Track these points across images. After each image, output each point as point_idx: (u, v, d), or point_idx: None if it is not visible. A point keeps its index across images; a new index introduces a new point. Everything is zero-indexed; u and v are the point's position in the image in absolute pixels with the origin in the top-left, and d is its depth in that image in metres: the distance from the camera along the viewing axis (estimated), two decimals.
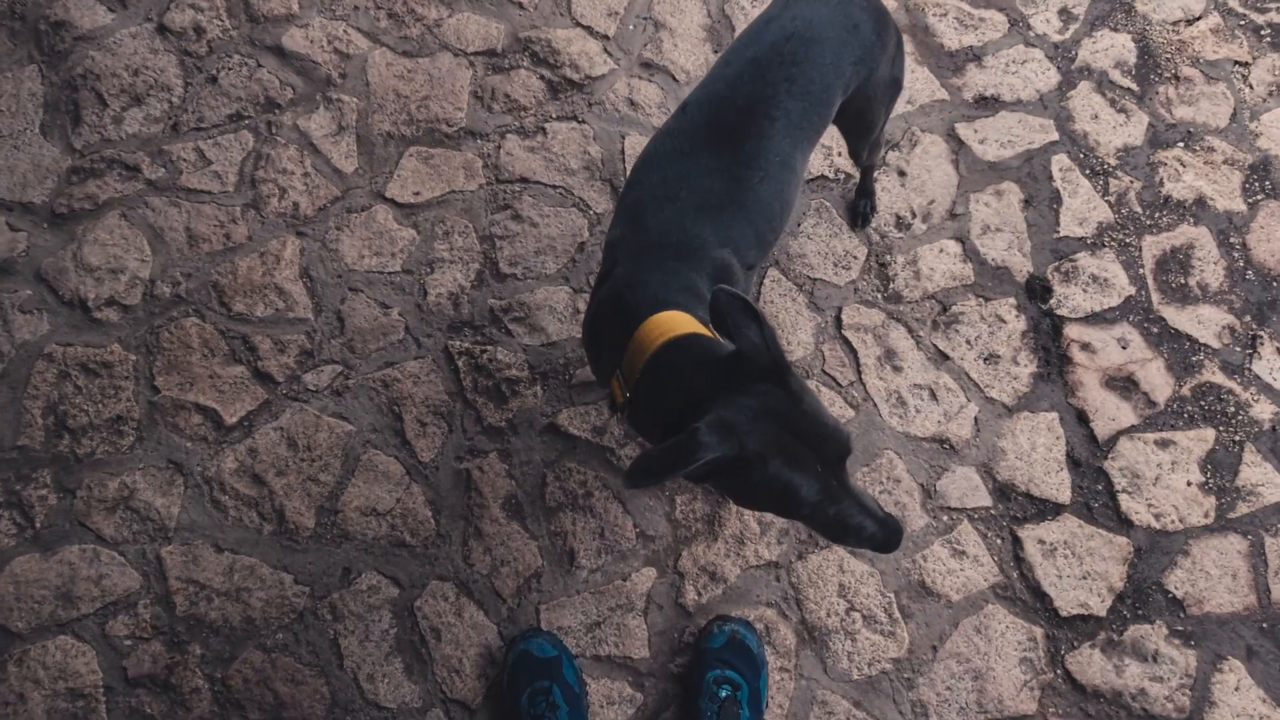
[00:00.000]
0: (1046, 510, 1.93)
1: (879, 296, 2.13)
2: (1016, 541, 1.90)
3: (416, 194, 2.22)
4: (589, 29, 2.39)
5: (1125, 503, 1.92)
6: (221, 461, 1.96)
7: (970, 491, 1.94)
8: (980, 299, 2.12)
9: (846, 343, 2.08)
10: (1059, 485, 1.95)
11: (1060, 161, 2.24)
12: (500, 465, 1.97)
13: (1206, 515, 1.91)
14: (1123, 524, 1.91)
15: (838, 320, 2.10)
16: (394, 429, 2.00)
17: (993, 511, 1.93)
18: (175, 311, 2.09)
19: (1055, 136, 2.27)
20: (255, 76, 2.33)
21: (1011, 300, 2.12)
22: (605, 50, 2.37)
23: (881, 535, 1.04)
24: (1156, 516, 1.91)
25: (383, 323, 2.10)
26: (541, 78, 2.34)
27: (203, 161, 2.24)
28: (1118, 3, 2.41)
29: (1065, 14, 2.40)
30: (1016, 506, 1.93)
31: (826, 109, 1.42)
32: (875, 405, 2.02)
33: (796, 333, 2.09)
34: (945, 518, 1.93)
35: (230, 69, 2.34)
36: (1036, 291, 2.12)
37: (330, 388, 2.04)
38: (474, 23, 2.39)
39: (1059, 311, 2.10)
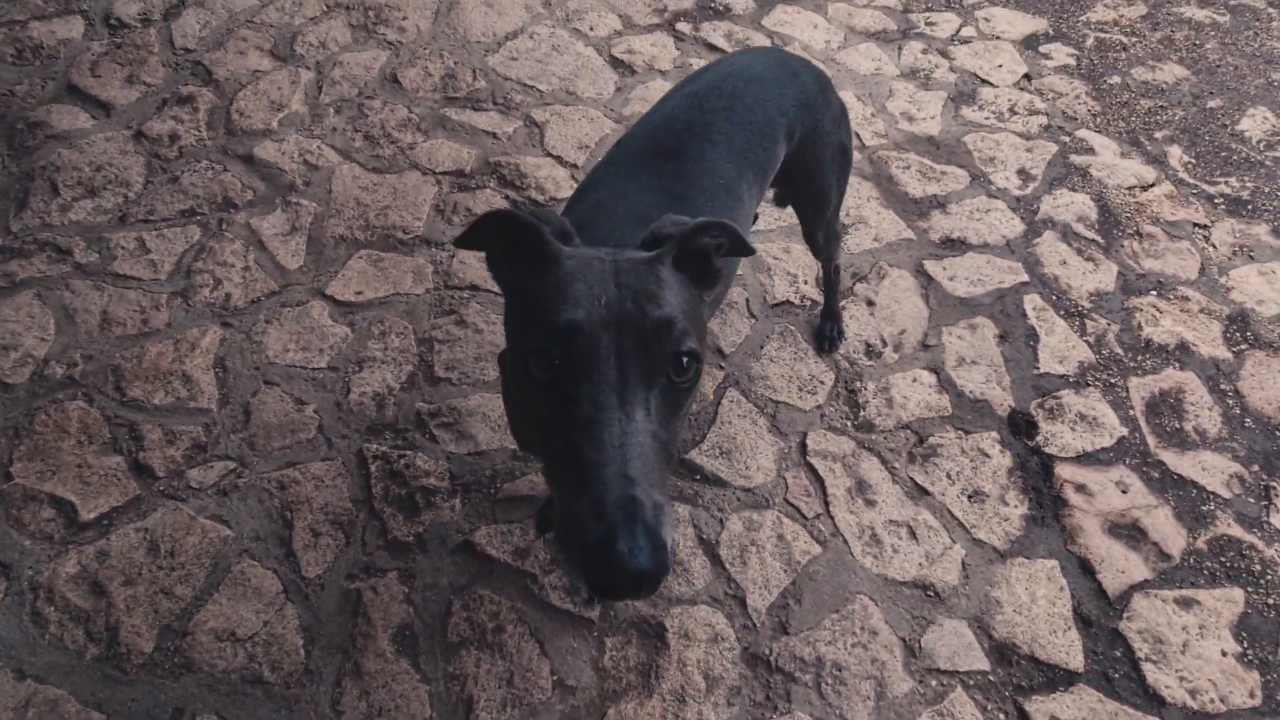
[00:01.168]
0: (1057, 679, 1.51)
1: (848, 424, 1.84)
2: (1023, 717, 1.46)
3: (359, 293, 2.00)
4: (558, 158, 2.32)
5: (1151, 674, 1.51)
6: (60, 565, 1.55)
7: (962, 650, 1.53)
8: (960, 431, 1.83)
9: (812, 471, 1.76)
10: (1069, 648, 1.54)
11: (1033, 301, 2.07)
12: (399, 587, 1.56)
13: (1252, 694, 1.49)
14: (1151, 700, 1.48)
15: (802, 446, 1.80)
16: (280, 537, 1.61)
17: (991, 677, 1.51)
18: (62, 394, 1.78)
19: (1025, 278, 2.11)
20: (218, 179, 2.21)
21: (994, 434, 1.83)
22: (572, 177, 2.28)
23: (595, 540, 0.66)
24: (1192, 694, 1.49)
25: (294, 419, 1.78)
26: (506, 197, 2.22)
27: (141, 250, 2.04)
28: (1072, 167, 2.38)
29: (1023, 174, 2.35)
30: (1020, 672, 1.51)
31: (770, 144, 1.25)
32: (845, 542, 1.66)
33: (757, 457, 1.77)
34: (934, 682, 1.50)
35: (195, 171, 2.22)
36: (1020, 427, 1.84)
37: (217, 486, 1.67)
38: (447, 148, 2.32)
39: (1047, 449, 1.81)
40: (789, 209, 2.20)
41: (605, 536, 0.63)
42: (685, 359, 0.75)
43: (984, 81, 2.61)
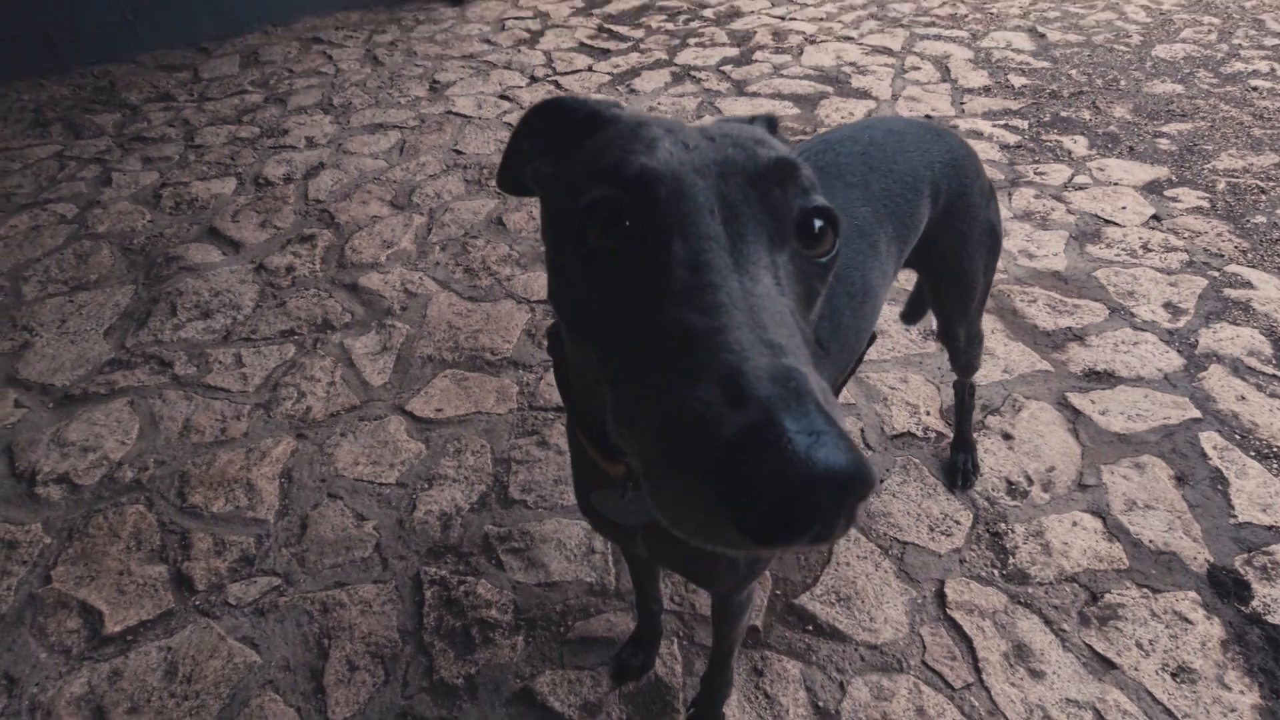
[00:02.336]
0: None
1: (995, 573, 1.46)
2: None
3: (439, 410, 1.86)
4: None
5: None
6: (67, 684, 1.33)
7: None
8: (1145, 589, 1.42)
9: (956, 628, 1.37)
10: None
11: (1211, 439, 1.69)
12: None
13: None
14: None
15: (940, 597, 1.42)
16: (311, 669, 1.34)
17: None
18: (124, 498, 1.65)
19: (1196, 414, 1.75)
20: (322, 304, 2.20)
21: (1192, 594, 1.40)
22: None
23: (745, 428, 0.36)
24: None
25: (351, 535, 1.57)
26: None
27: (236, 365, 2.00)
28: (1229, 301, 2.06)
29: (1171, 307, 2.05)
30: None
31: (914, 196, 1.05)
32: None
33: (883, 607, 1.41)
34: None
35: (302, 297, 2.23)
36: (1228, 588, 1.41)
37: (255, 604, 1.45)
38: (543, 279, 2.26)
39: (1272, 619, 1.36)
40: (913, 328, 1.98)
41: (761, 419, 0.35)
42: (818, 221, 0.51)
43: (1108, 222, 2.40)
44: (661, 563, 0.94)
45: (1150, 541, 1.49)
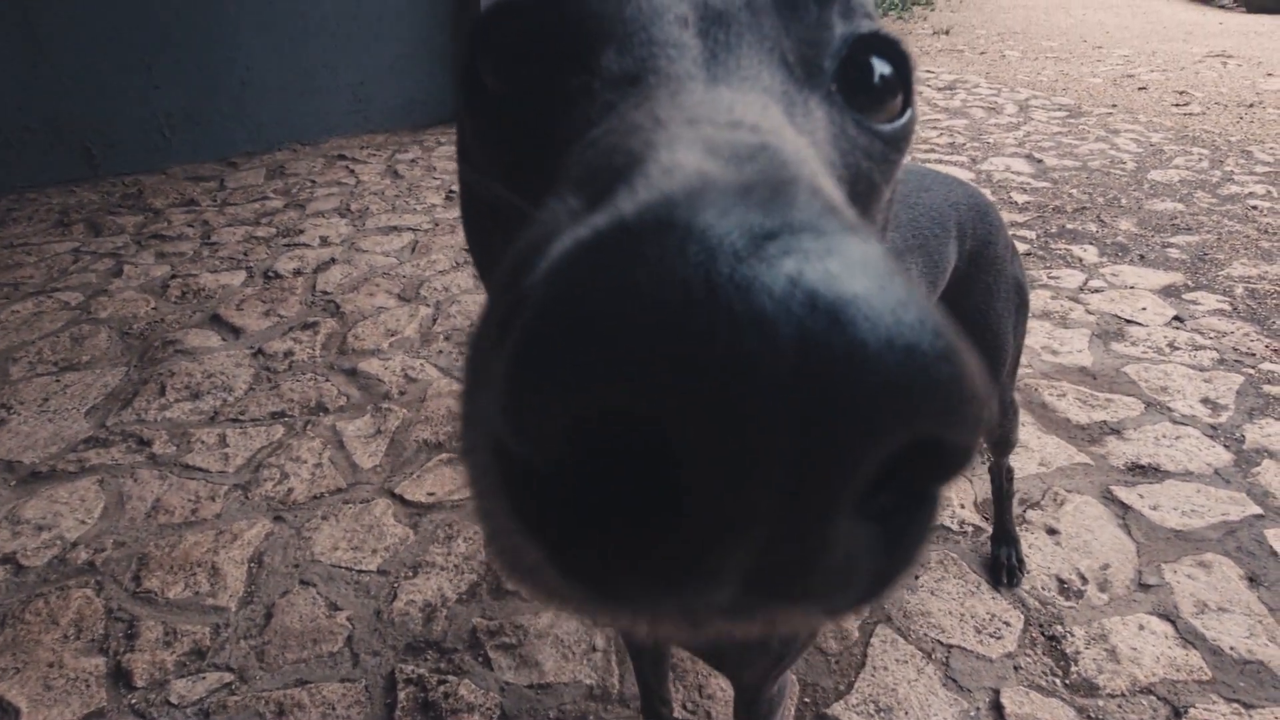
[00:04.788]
0: None
1: (1056, 682, 1.26)
2: None
3: (430, 494, 1.71)
4: None
5: None
6: None
7: None
8: (1236, 704, 1.21)
9: None
10: None
11: None
12: None
13: None
14: None
15: (997, 709, 1.22)
16: None
17: None
18: (73, 581, 1.48)
19: (1257, 510, 1.59)
20: (318, 387, 2.11)
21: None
22: None
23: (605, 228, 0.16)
24: None
25: (321, 626, 1.39)
26: None
27: (219, 445, 1.88)
28: (1270, 397, 1.95)
29: (1210, 403, 1.94)
30: None
31: (941, 232, 0.97)
32: None
33: (930, 719, 1.20)
34: None
35: (298, 380, 2.14)
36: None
37: (200, 704, 1.25)
38: None
39: None
40: None
41: (652, 211, 0.16)
42: (879, 63, 0.35)
43: (1129, 321, 2.33)
44: (673, 639, 0.76)
45: (1232, 649, 1.30)
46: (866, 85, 0.35)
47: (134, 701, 1.25)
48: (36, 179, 3.73)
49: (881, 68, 0.35)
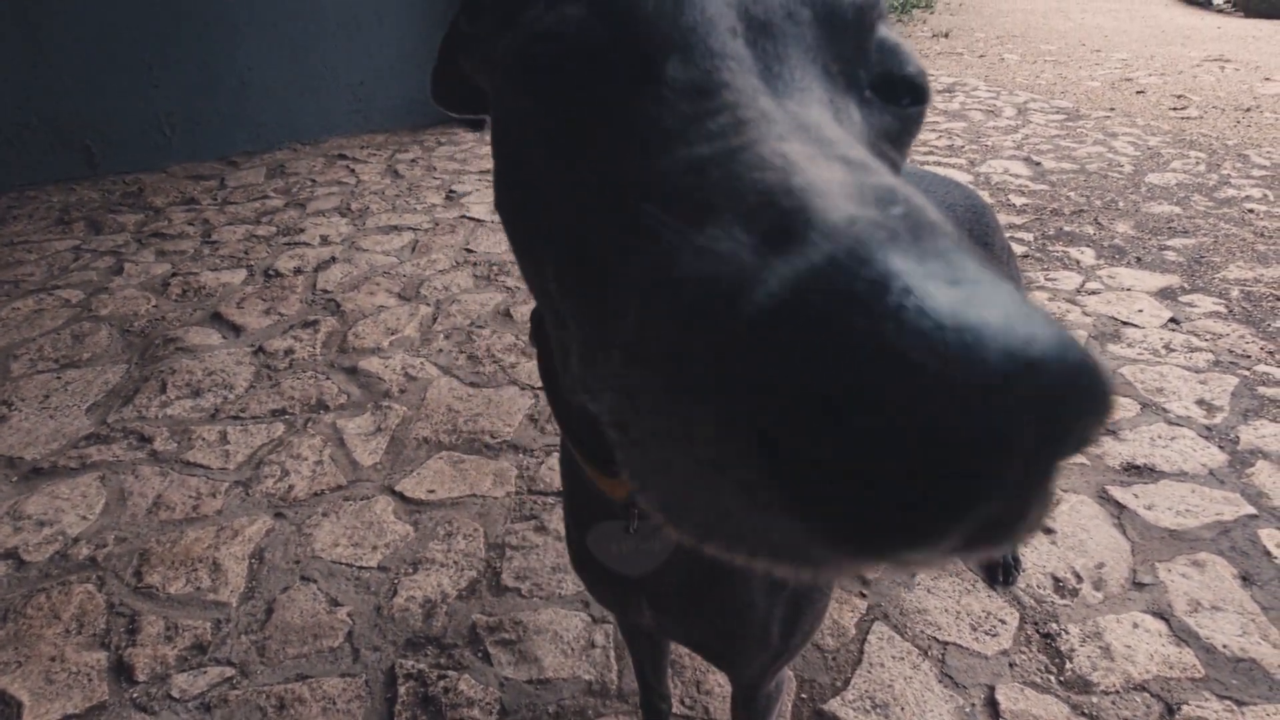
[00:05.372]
0: None
1: (1051, 678, 1.27)
2: None
3: (431, 492, 1.72)
4: None
5: None
6: None
7: None
8: (1229, 701, 1.22)
9: None
10: None
11: (1273, 537, 1.54)
12: None
13: None
14: None
15: (992, 705, 1.23)
16: None
17: None
18: (74, 576, 1.49)
19: (1251, 510, 1.61)
20: (318, 385, 2.12)
21: None
22: None
23: (822, 266, 0.19)
24: None
25: (322, 622, 1.40)
26: None
27: (220, 442, 1.89)
28: (1265, 399, 1.97)
29: (1205, 404, 1.95)
30: None
31: None
32: None
33: (925, 716, 1.21)
34: None
35: (298, 378, 2.15)
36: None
37: (202, 698, 1.26)
38: None
39: None
40: None
41: (840, 253, 0.19)
42: (906, 95, 0.38)
43: (1126, 323, 2.35)
44: (671, 633, 0.77)
45: (1225, 647, 1.31)
46: (890, 78, 0.38)
47: (135, 695, 1.26)
48: (37, 177, 3.74)
49: (902, 69, 0.38)
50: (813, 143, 0.26)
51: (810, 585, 0.68)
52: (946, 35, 7.56)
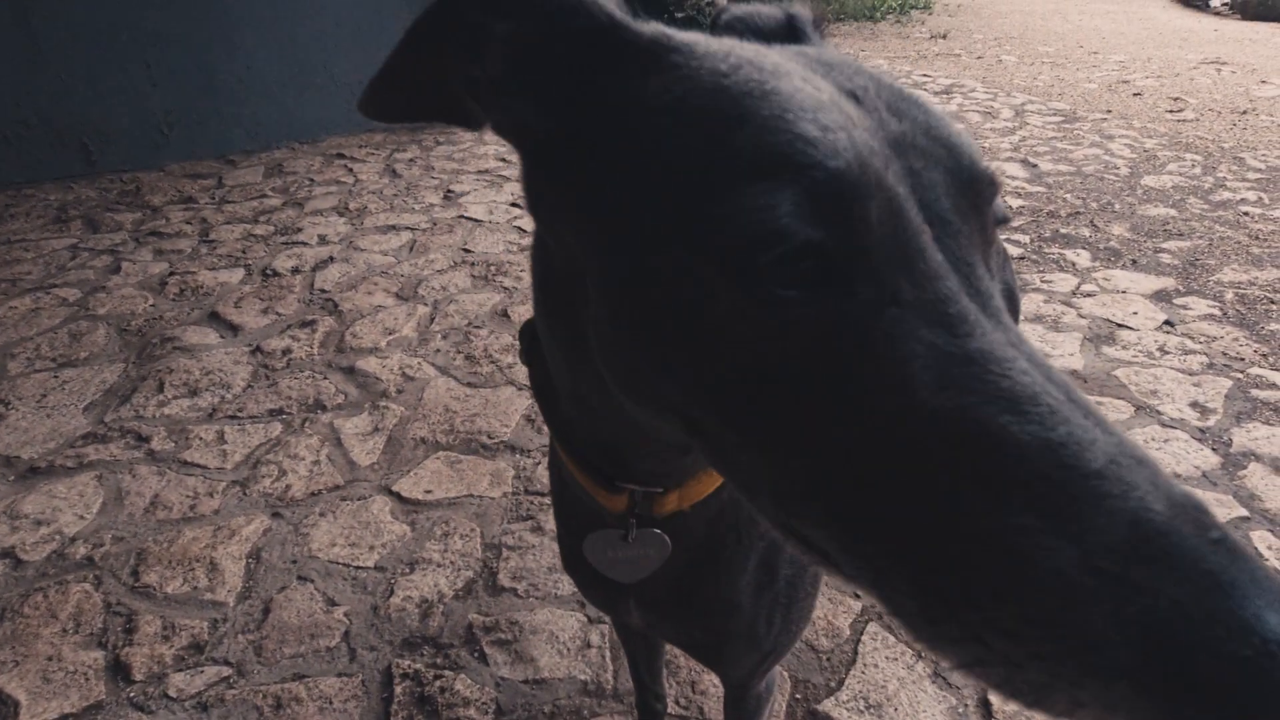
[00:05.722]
0: None
1: None
2: None
3: (428, 492, 1.72)
4: None
5: None
6: None
7: None
8: None
9: None
10: None
11: (1265, 539, 1.55)
12: None
13: None
14: None
15: (984, 705, 1.24)
16: None
17: None
18: (71, 575, 1.49)
19: (1243, 512, 1.62)
20: (316, 384, 2.12)
21: None
22: None
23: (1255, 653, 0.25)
24: None
25: (319, 621, 1.40)
26: None
27: (218, 441, 1.89)
28: (1258, 402, 1.98)
29: (1199, 406, 1.96)
30: None
31: None
32: None
33: (918, 717, 1.22)
34: None
35: (296, 378, 2.15)
36: None
37: (199, 697, 1.26)
38: None
39: None
40: None
41: (1242, 629, 0.25)
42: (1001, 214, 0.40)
43: (1120, 325, 2.36)
44: (661, 633, 0.78)
45: None
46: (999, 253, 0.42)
47: (132, 694, 1.26)
48: (34, 175, 3.73)
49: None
50: (1088, 420, 0.30)
51: (796, 586, 0.69)
52: (944, 36, 7.58)
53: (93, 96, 3.81)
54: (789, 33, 0.53)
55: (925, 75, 5.81)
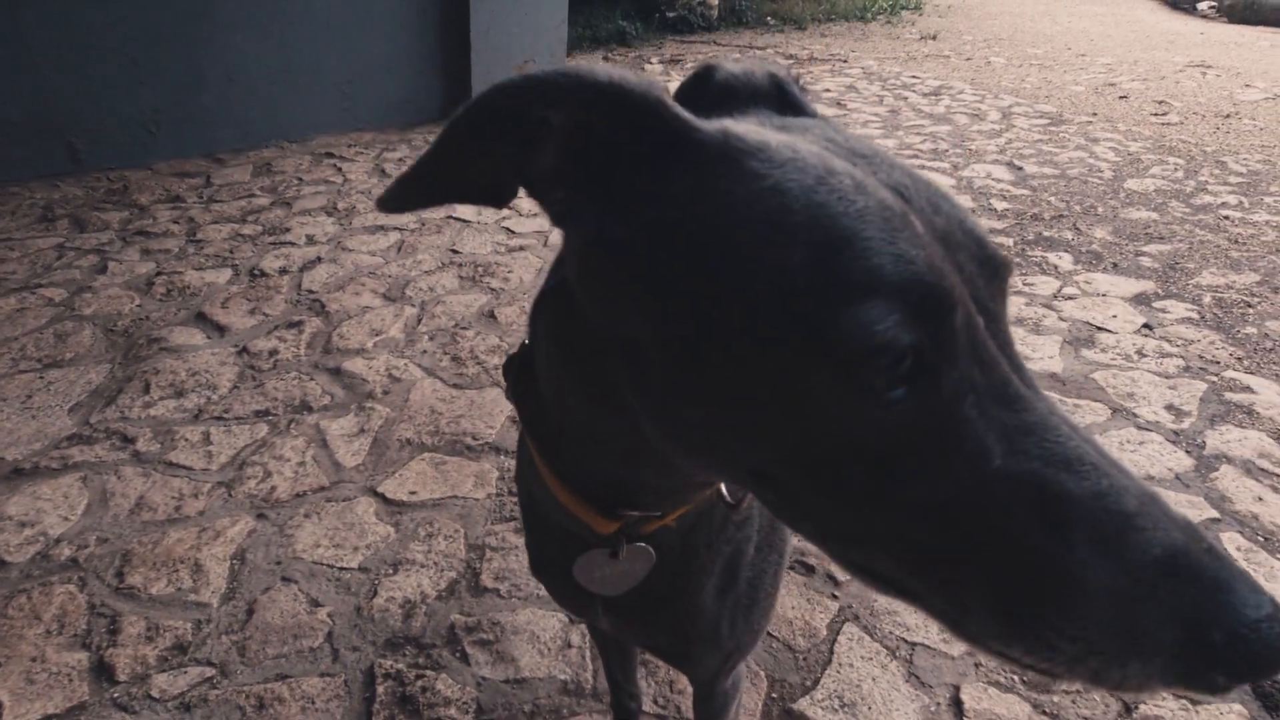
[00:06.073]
0: None
1: (1014, 679, 1.31)
2: None
3: (412, 493, 1.74)
4: None
5: None
6: None
7: None
8: (1184, 700, 1.26)
9: None
10: None
11: (1234, 540, 1.58)
12: None
13: None
14: None
15: (956, 704, 1.26)
16: None
17: None
18: (56, 577, 1.50)
19: (1214, 514, 1.65)
20: (302, 385, 2.13)
21: (1239, 708, 1.25)
22: None
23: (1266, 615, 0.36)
24: None
25: (302, 622, 1.42)
26: None
27: (204, 442, 1.90)
28: (1232, 404, 2.01)
29: (1174, 409, 2.00)
30: None
31: None
32: None
33: (892, 715, 1.25)
34: None
35: (282, 379, 2.16)
36: (1277, 701, 1.26)
37: (181, 698, 1.27)
38: None
39: None
40: None
41: (1266, 602, 0.36)
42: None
43: (1100, 329, 2.39)
44: (629, 637, 0.81)
45: None
46: None
47: (116, 695, 1.28)
48: (19, 173, 3.72)
49: None
50: (1120, 476, 0.38)
51: (757, 587, 0.71)
52: (934, 37, 7.62)
53: (80, 94, 3.80)
54: (779, 94, 0.55)
55: (914, 76, 5.84)
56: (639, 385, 0.45)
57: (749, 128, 0.45)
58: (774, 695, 1.28)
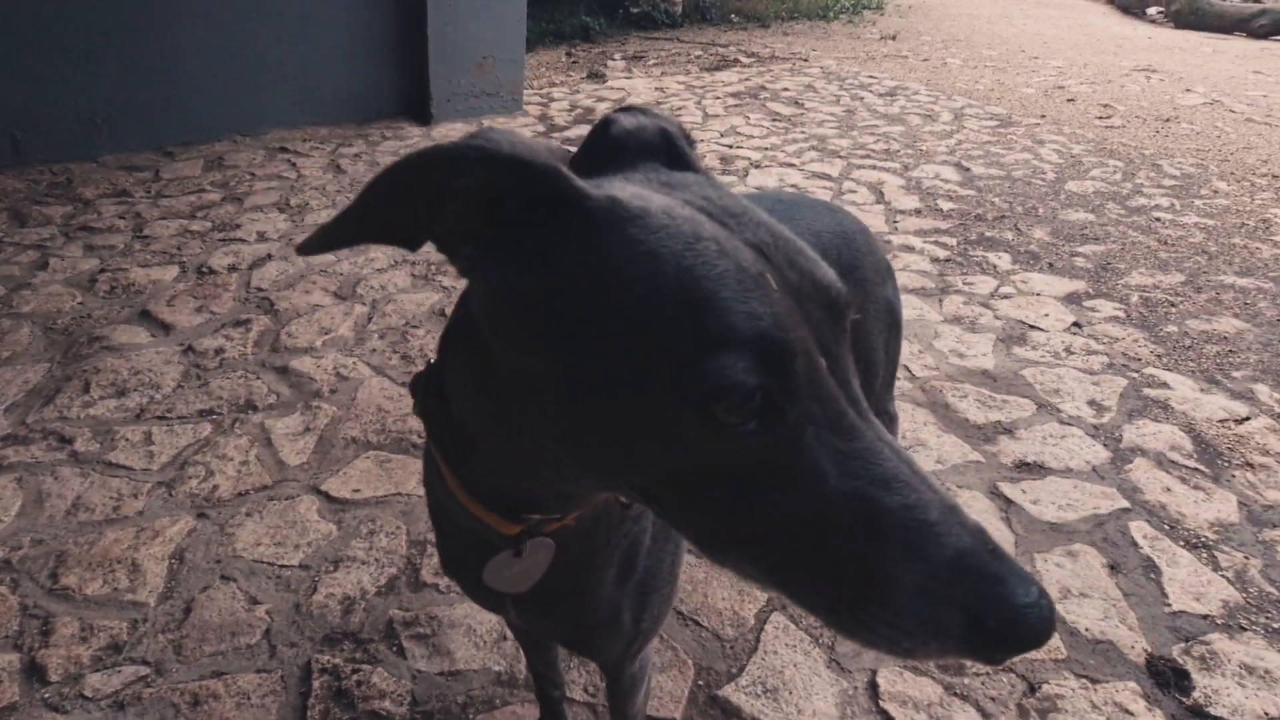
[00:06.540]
0: None
1: (929, 664, 1.38)
2: None
3: (356, 491, 1.76)
4: None
5: None
6: None
7: None
8: (1084, 680, 1.34)
9: None
10: None
11: (1141, 529, 1.67)
12: None
13: None
14: None
15: (873, 688, 1.33)
16: None
17: None
18: None
19: (1125, 504, 1.74)
20: (248, 384, 2.13)
21: (1132, 685, 1.33)
22: None
23: (1027, 602, 0.44)
24: None
25: (240, 619, 1.43)
26: None
27: (145, 442, 1.89)
28: (1149, 400, 2.12)
29: (1095, 404, 2.10)
30: None
31: None
32: None
33: (812, 699, 1.31)
34: None
35: (228, 378, 2.16)
36: (1167, 678, 1.34)
37: (115, 697, 1.29)
38: None
39: (1214, 710, 1.29)
40: None
41: (1009, 614, 0.42)
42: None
43: (1032, 327, 2.49)
44: (536, 629, 0.86)
45: (1087, 630, 1.44)
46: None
47: (47, 695, 1.28)
48: None
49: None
50: (929, 491, 0.45)
51: (655, 576, 0.76)
52: (894, 38, 7.74)
53: (21, 83, 3.70)
54: (669, 148, 0.60)
55: (872, 77, 5.94)
56: (538, 413, 0.51)
57: (634, 192, 0.51)
58: (700, 683, 1.33)
